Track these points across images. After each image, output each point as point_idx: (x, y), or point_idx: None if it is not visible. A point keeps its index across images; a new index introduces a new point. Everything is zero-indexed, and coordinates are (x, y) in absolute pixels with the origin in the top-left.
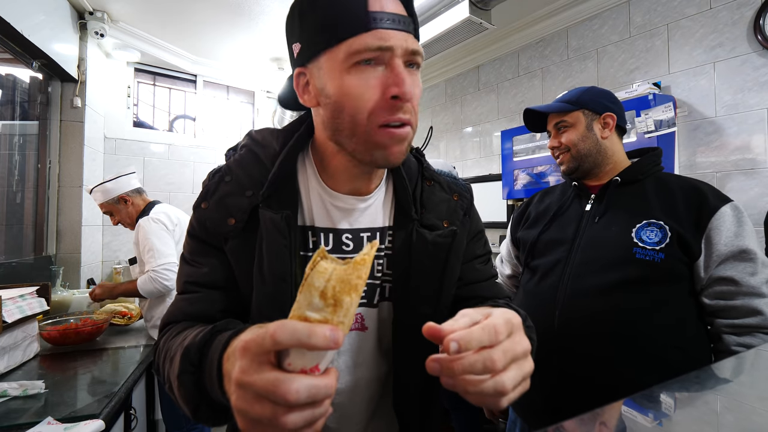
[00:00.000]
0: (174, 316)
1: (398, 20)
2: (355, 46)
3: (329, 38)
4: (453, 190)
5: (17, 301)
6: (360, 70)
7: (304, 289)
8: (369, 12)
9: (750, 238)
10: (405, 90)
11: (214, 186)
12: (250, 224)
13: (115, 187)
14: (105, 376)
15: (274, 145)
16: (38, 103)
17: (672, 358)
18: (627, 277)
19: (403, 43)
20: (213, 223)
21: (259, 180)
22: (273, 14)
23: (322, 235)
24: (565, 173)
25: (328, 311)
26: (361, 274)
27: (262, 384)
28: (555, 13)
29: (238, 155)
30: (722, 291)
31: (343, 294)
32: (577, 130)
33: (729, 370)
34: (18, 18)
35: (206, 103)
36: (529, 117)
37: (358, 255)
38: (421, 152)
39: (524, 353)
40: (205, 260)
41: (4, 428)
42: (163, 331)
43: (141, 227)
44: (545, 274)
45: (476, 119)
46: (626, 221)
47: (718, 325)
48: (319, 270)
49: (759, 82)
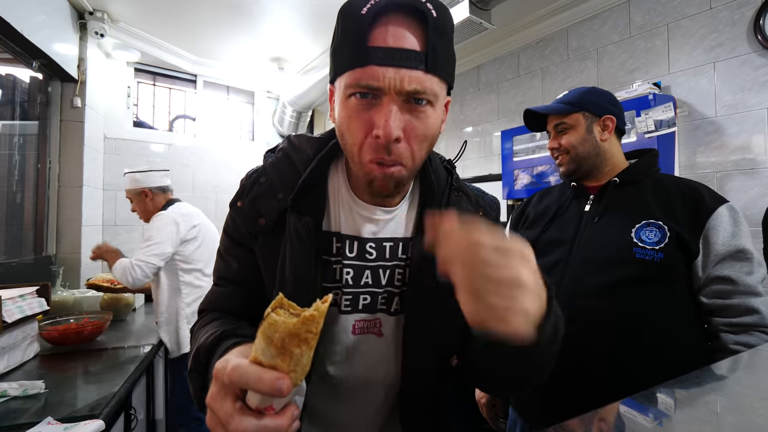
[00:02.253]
0: (209, 304)
1: (400, 56)
2: (348, 81)
3: (337, 66)
4: (479, 205)
5: (17, 301)
6: (355, 103)
7: (258, 334)
8: (368, 47)
9: (746, 238)
10: (387, 132)
11: (250, 186)
12: (278, 225)
13: (143, 179)
14: (105, 376)
15: (308, 152)
16: (38, 103)
17: (672, 356)
18: (627, 276)
19: (396, 83)
20: (245, 222)
21: (290, 184)
22: (273, 14)
23: (347, 242)
24: (564, 175)
25: (279, 359)
26: (311, 328)
27: (221, 414)
28: (555, 13)
29: (274, 158)
30: (719, 290)
31: (292, 346)
32: (577, 132)
33: (729, 371)
34: (18, 18)
35: (206, 103)
36: (529, 117)
37: (308, 310)
38: (453, 164)
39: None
40: (236, 257)
41: (4, 428)
42: (199, 317)
43: (153, 220)
44: (545, 274)
45: (476, 119)
46: (625, 221)
47: (716, 323)
48: (270, 321)
49: (759, 82)
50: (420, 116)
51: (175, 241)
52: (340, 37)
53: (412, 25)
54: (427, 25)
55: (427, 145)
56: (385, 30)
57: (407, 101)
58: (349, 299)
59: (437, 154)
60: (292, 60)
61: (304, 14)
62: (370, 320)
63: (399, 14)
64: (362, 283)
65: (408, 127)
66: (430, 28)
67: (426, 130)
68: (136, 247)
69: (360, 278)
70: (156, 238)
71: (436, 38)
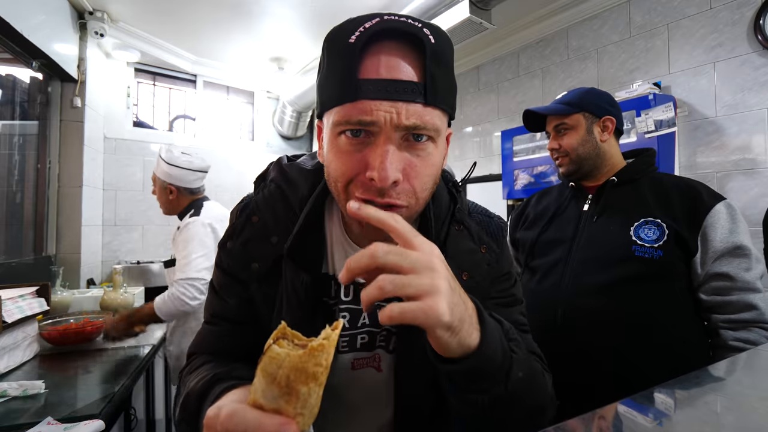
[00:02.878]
0: (199, 347)
1: (396, 88)
2: (337, 117)
3: (324, 101)
4: (482, 241)
5: (17, 301)
6: (346, 142)
7: (258, 372)
8: (358, 80)
9: (744, 235)
10: (383, 176)
11: (241, 226)
12: (274, 270)
13: (174, 174)
14: (105, 376)
15: (303, 188)
16: (38, 103)
17: (672, 353)
18: (627, 274)
19: (392, 117)
20: (237, 264)
21: (284, 224)
22: (273, 14)
23: (343, 286)
24: (564, 175)
25: (282, 401)
26: (320, 361)
27: None
28: (555, 13)
29: (267, 191)
30: (718, 287)
31: (298, 384)
32: (578, 133)
33: (729, 371)
34: (18, 18)
35: (206, 103)
36: (529, 118)
37: (316, 340)
38: (458, 188)
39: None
40: (232, 293)
41: (4, 428)
42: (188, 361)
43: (188, 228)
44: (546, 273)
45: (476, 119)
46: (624, 220)
47: (715, 320)
48: (271, 355)
49: (759, 82)
50: (421, 154)
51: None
52: (327, 69)
53: (408, 53)
54: (424, 52)
55: (432, 182)
56: (377, 60)
57: (406, 138)
58: (346, 341)
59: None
60: (292, 60)
61: (304, 14)
62: (369, 356)
63: (392, 42)
64: (359, 325)
65: (408, 166)
66: (427, 56)
67: (427, 168)
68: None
69: (357, 320)
70: (195, 251)
71: (434, 67)
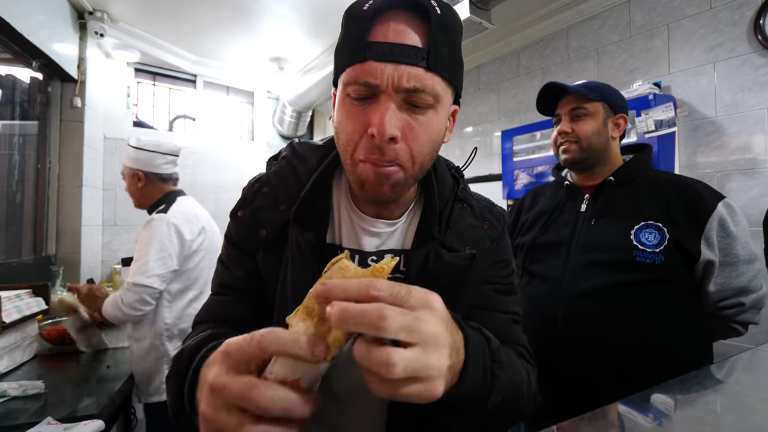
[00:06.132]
0: (205, 316)
1: (400, 52)
2: (347, 78)
3: (338, 65)
4: (484, 218)
5: (14, 301)
6: (352, 102)
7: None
8: (367, 42)
9: (744, 231)
10: (382, 130)
11: (252, 196)
12: (280, 237)
13: (140, 158)
14: (105, 376)
15: (312, 161)
16: (38, 103)
17: (674, 356)
18: (628, 279)
19: (393, 79)
20: (246, 233)
21: (293, 194)
22: (273, 14)
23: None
24: (566, 162)
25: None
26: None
27: (235, 388)
28: (555, 13)
29: (277, 166)
30: (719, 286)
31: None
32: (595, 121)
33: (729, 371)
34: (18, 18)
35: (206, 103)
36: (545, 97)
37: (379, 264)
38: (461, 172)
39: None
40: (239, 265)
41: (4, 428)
42: (193, 330)
43: (151, 226)
44: (544, 277)
45: (476, 119)
46: (624, 223)
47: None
48: (341, 265)
49: (759, 82)
50: (420, 118)
51: (179, 254)
52: (343, 36)
53: (414, 21)
54: (429, 21)
55: (430, 149)
56: (385, 26)
57: (407, 101)
58: None
59: (444, 159)
60: (292, 60)
61: (304, 14)
62: None
63: (401, 10)
64: None
65: (407, 128)
66: (432, 24)
67: (427, 133)
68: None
69: None
70: (157, 252)
71: (439, 35)
